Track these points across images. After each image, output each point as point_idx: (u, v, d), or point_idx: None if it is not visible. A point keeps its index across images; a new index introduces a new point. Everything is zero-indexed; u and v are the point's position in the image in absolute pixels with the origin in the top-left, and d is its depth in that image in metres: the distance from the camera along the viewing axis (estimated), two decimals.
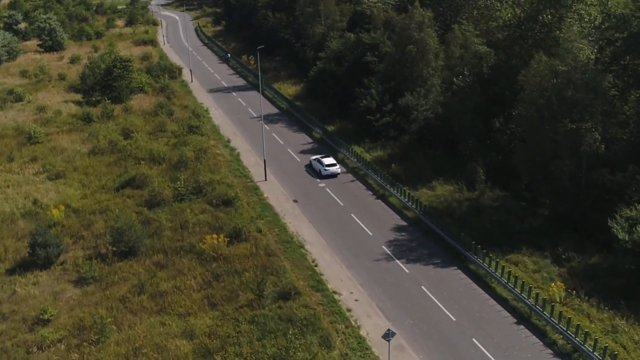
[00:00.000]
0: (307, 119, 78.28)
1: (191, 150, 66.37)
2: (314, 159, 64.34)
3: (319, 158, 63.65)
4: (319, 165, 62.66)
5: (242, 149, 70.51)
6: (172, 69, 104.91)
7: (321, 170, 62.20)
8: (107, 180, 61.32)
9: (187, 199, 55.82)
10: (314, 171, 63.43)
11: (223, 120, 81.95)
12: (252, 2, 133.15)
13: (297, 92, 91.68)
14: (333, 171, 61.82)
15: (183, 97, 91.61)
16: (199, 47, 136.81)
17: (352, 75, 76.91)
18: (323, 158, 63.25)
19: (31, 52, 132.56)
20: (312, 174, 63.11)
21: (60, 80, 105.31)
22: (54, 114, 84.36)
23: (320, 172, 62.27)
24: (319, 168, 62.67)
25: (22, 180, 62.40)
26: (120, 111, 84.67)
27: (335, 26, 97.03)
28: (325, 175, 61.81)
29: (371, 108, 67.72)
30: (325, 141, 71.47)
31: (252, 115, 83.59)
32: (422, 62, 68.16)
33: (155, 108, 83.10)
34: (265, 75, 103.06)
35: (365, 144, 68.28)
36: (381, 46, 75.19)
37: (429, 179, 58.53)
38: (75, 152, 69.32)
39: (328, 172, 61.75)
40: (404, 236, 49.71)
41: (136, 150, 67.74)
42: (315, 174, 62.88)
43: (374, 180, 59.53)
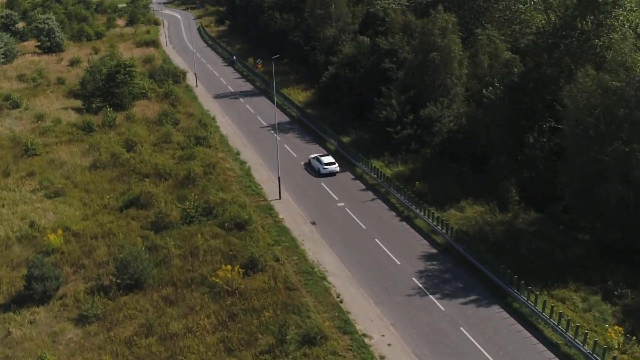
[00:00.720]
0: (320, 129, 73.96)
1: (199, 165, 62.07)
2: (313, 157, 64.53)
3: (317, 156, 63.89)
4: (318, 164, 62.90)
5: (252, 163, 66.19)
6: (176, 73, 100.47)
7: (320, 168, 62.39)
8: (110, 198, 57.01)
9: (196, 221, 51.59)
10: (313, 169, 63.63)
11: (231, 129, 77.61)
12: (258, 2, 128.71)
13: (308, 99, 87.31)
14: (332, 169, 61.97)
15: (188, 103, 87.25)
16: (203, 49, 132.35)
17: (368, 83, 72.63)
18: (322, 156, 63.39)
19: (29, 54, 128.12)
20: (312, 173, 63.24)
21: (59, 85, 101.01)
22: (52, 122, 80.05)
23: (319, 170, 62.44)
24: (317, 166, 62.91)
25: (18, 199, 58.13)
26: (123, 120, 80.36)
27: (347, 29, 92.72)
28: (324, 173, 62.00)
29: (391, 119, 63.38)
30: (340, 153, 67.18)
31: (261, 124, 79.25)
32: (445, 70, 63.82)
33: (159, 116, 78.79)
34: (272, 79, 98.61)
35: (385, 157, 63.97)
36: (399, 52, 70.82)
37: (457, 199, 54.25)
38: (75, 166, 65.03)
39: (327, 171, 61.90)
40: (435, 266, 45.45)
41: (140, 165, 63.47)
42: (314, 173, 63.02)
43: (397, 200, 55.27)
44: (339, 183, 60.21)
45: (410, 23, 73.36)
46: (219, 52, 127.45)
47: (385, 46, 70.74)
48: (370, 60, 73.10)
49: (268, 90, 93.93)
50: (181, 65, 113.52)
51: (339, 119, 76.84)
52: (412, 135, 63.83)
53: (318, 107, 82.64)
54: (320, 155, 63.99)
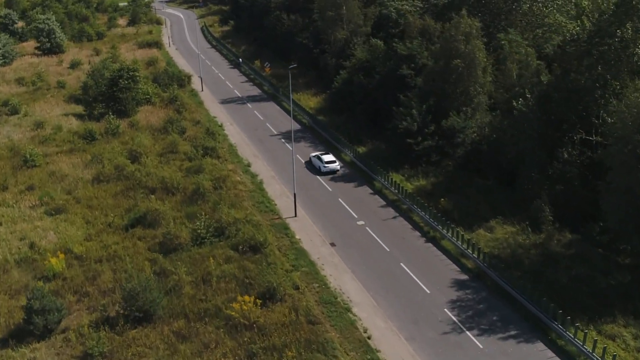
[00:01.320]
0: (333, 138, 70.45)
1: (208, 179, 58.60)
2: (314, 155, 64.79)
3: (318, 155, 64.12)
4: (319, 162, 63.21)
5: (264, 175, 62.71)
6: (180, 76, 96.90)
7: (321, 167, 62.69)
8: (115, 216, 53.53)
9: (207, 243, 48.13)
10: (314, 168, 63.95)
11: (240, 138, 74.09)
12: (264, 2, 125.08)
13: (319, 105, 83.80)
14: (332, 168, 62.47)
15: (194, 109, 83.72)
16: (207, 50, 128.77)
17: (384, 89, 69.21)
18: (322, 155, 63.55)
19: (28, 55, 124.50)
20: (312, 171, 63.48)
21: (59, 89, 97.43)
22: (53, 130, 76.55)
23: (320, 168, 62.78)
24: (318, 165, 63.25)
25: (17, 216, 54.61)
26: (126, 127, 76.86)
27: (359, 31, 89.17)
28: (325, 171, 62.24)
29: (412, 130, 59.89)
30: (356, 165, 63.74)
31: (272, 132, 75.73)
32: (468, 78, 60.34)
33: (164, 124, 75.27)
34: (282, 83, 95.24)
35: (405, 170, 60.54)
36: (418, 58, 67.30)
37: (485, 217, 50.82)
38: (77, 179, 61.52)
39: (327, 169, 62.34)
40: (468, 295, 42.02)
41: (146, 178, 59.99)
42: (315, 171, 63.29)
43: (421, 218, 51.83)
44: (357, 198, 56.77)
45: (429, 27, 69.77)
46: (224, 54, 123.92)
47: (403, 51, 67.19)
48: (387, 65, 69.54)
49: (277, 95, 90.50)
50: (185, 68, 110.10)
51: (353, 127, 73.40)
52: (433, 147, 60.41)
53: (330, 114, 79.17)
54: (321, 154, 63.94)
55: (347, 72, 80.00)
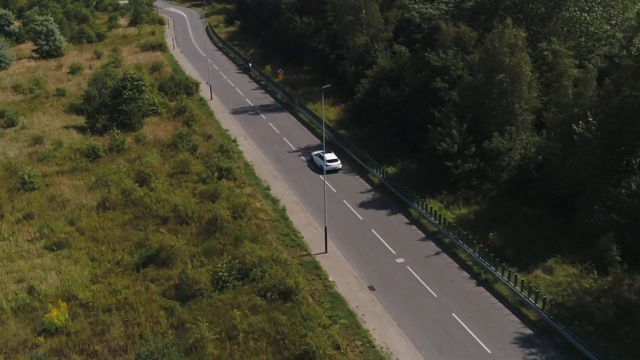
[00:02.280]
0: (359, 155, 64.58)
1: (226, 207, 52.82)
2: (316, 154, 64.74)
3: (320, 153, 63.77)
4: (320, 161, 62.82)
5: (287, 200, 56.93)
6: (188, 84, 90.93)
7: (322, 165, 61.12)
8: (124, 253, 47.76)
9: (230, 286, 42.43)
10: (316, 166, 63.87)
11: (256, 155, 68.24)
12: (274, 2, 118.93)
13: (339, 116, 77.96)
14: (334, 166, 62.17)
15: (204, 121, 77.82)
16: (213, 53, 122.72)
17: (415, 103, 63.42)
18: (325, 153, 61.80)
19: (25, 59, 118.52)
20: (314, 170, 63.40)
21: (59, 97, 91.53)
22: (52, 145, 70.75)
23: (322, 167, 61.36)
24: (320, 163, 62.77)
25: (13, 252, 48.84)
26: (132, 142, 71.04)
27: (380, 36, 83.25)
28: (327, 170, 61.13)
29: (451, 153, 54.13)
30: (387, 188, 58.00)
31: (289, 148, 69.87)
32: (513, 94, 54.56)
33: (174, 139, 69.40)
34: (296, 91, 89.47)
35: (443, 196, 54.79)
36: (452, 69, 61.47)
37: (542, 256, 45.14)
38: (80, 205, 55.72)
39: (329, 168, 61.76)
40: (536, 356, 36.33)
41: (156, 205, 54.21)
42: (317, 170, 63.06)
43: (468, 255, 46.16)
44: (392, 229, 51.03)
45: (464, 35, 63.91)
46: (231, 57, 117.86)
47: (437, 62, 61.29)
48: (417, 77, 63.62)
49: (291, 104, 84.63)
50: (191, 73, 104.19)
51: (379, 143, 67.61)
52: (474, 170, 54.70)
53: (351, 127, 73.36)
54: (323, 152, 61.41)
55: (370, 82, 74.23)
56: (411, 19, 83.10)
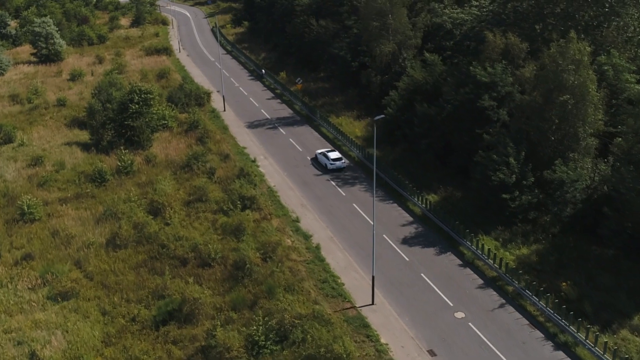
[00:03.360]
0: (394, 179, 58.18)
1: (253, 247, 46.50)
2: (320, 152, 64.34)
3: (324, 152, 63.77)
4: (325, 160, 62.85)
5: (320, 236, 50.55)
6: (199, 93, 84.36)
7: (327, 164, 62.31)
8: (141, 306, 41.37)
9: (267, 352, 36.16)
10: (320, 165, 63.59)
11: (280, 178, 61.82)
12: (286, 3, 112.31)
13: (367, 132, 71.47)
14: (339, 165, 62.12)
15: (219, 137, 71.32)
16: (222, 56, 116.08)
17: (458, 122, 57.14)
18: (329, 152, 63.19)
19: (23, 64, 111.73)
20: (319, 169, 63.04)
21: (59, 108, 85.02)
22: (54, 166, 64.27)
23: (327, 166, 62.41)
24: (324, 162, 62.87)
25: (12, 303, 42.46)
26: (141, 162, 64.61)
27: (408, 43, 76.85)
28: (331, 169, 61.88)
29: (509, 184, 47.81)
30: (431, 221, 51.67)
31: (316, 170, 63.41)
32: (577, 116, 48.23)
33: (187, 159, 62.98)
34: (315, 102, 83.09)
35: (498, 232, 48.49)
36: (500, 85, 55.13)
37: (627, 311, 38.96)
38: (87, 243, 49.28)
39: (334, 166, 61.94)
40: None
41: (174, 244, 47.82)
42: (321, 169, 62.86)
43: (537, 308, 39.92)
44: (444, 273, 44.73)
45: (513, 47, 57.49)
46: (242, 62, 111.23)
47: (484, 78, 54.90)
48: (461, 93, 57.18)
49: (312, 117, 78.17)
50: (200, 79, 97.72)
51: (416, 165, 61.32)
52: (533, 204, 48.46)
53: (382, 145, 66.86)
54: (327, 151, 63.50)
55: (401, 95, 67.90)
56: (442, 25, 76.82)
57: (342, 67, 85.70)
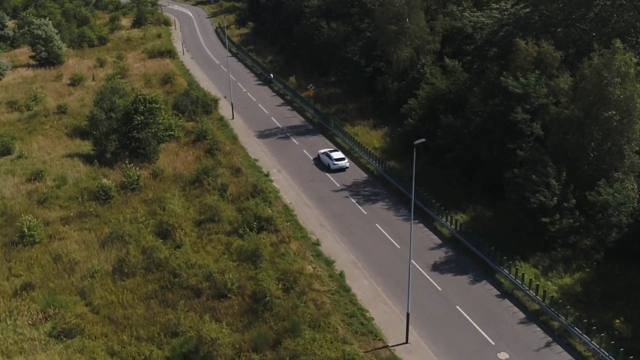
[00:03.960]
0: (421, 199, 54.36)
1: (273, 276, 42.84)
2: (322, 152, 64.14)
3: (327, 152, 63.67)
4: (328, 160, 62.69)
5: (343, 260, 46.91)
6: (206, 100, 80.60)
7: (330, 164, 62.21)
8: (153, 347, 37.72)
9: None
10: (323, 165, 63.30)
11: (295, 194, 58.13)
12: (293, 4, 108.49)
13: (385, 143, 67.78)
14: (342, 165, 61.80)
15: (229, 148, 67.59)
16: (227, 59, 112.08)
17: (487, 135, 53.57)
18: (331, 152, 63.29)
19: (22, 67, 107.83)
20: (322, 169, 62.65)
21: (60, 115, 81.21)
22: (55, 181, 60.53)
23: (329, 166, 62.28)
24: (327, 162, 62.75)
25: (10, 342, 38.66)
26: (148, 177, 60.91)
27: (426, 48, 73.15)
28: (334, 169, 61.66)
29: (549, 207, 44.17)
30: (461, 245, 48.04)
31: (333, 185, 59.73)
32: (622, 133, 44.59)
33: (197, 174, 59.27)
34: (327, 109, 79.48)
35: (537, 258, 44.86)
36: (533, 96, 51.49)
37: None
38: (92, 270, 45.57)
39: (337, 166, 61.69)
40: None
41: (186, 272, 44.15)
42: (324, 168, 62.62)
43: (589, 349, 36.32)
44: (481, 306, 41.12)
45: (546, 55, 53.79)
46: (248, 65, 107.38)
47: (517, 89, 51.24)
48: (490, 106, 53.53)
49: (325, 125, 74.42)
50: (205, 84, 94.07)
51: (440, 181, 57.68)
52: (575, 227, 44.86)
53: (401, 157, 63.26)
54: (330, 151, 63.57)
55: (421, 104, 64.33)
56: (462, 29, 73.14)
57: (355, 72, 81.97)
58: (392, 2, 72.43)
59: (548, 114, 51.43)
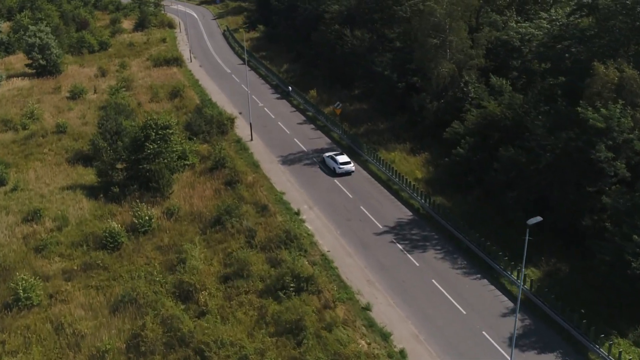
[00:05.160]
0: (478, 244, 46.79)
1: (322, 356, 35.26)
2: (327, 155, 62.60)
3: (332, 155, 62.08)
4: (333, 163, 61.07)
5: (402, 333, 39.23)
6: (222, 120, 72.77)
7: (335, 168, 60.63)
8: None
9: None
10: (328, 169, 61.83)
11: (333, 239, 50.40)
12: (311, 8, 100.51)
13: (429, 173, 60.06)
14: (347, 169, 60.26)
15: (251, 179, 59.81)
16: (238, 67, 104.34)
17: (559, 174, 45.95)
18: (337, 155, 61.56)
19: (17, 78, 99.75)
20: (327, 172, 61.34)
21: (59, 135, 73.40)
22: (55, 222, 52.87)
23: (335, 170, 60.69)
24: (332, 166, 61.14)
25: None
26: (161, 216, 53.28)
27: (470, 64, 65.47)
28: (339, 173, 60.08)
29: None
30: (540, 311, 40.44)
31: (374, 226, 51.93)
32: None
33: (218, 213, 51.58)
34: (356, 128, 72.00)
35: (638, 335, 37.34)
36: (616, 132, 43.87)
37: None
38: (101, 348, 37.90)
39: (342, 170, 60.14)
40: None
41: (217, 355, 36.48)
42: (329, 172, 61.15)
43: None
44: None
45: (628, 81, 46.07)
46: (261, 74, 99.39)
47: (599, 123, 43.58)
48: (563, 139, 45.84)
49: (355, 149, 66.69)
50: (218, 97, 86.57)
51: (498, 223, 50.07)
52: None
53: (450, 192, 55.71)
54: (335, 154, 61.91)
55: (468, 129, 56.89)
56: (508, 41, 65.51)
57: (385, 87, 74.12)
58: (431, 13, 64.62)
59: (633, 151, 43.91)
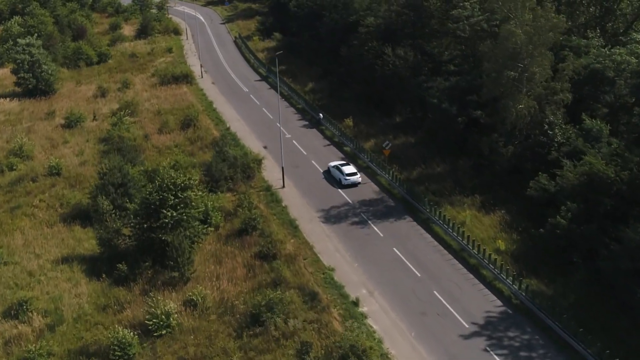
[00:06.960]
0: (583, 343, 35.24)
1: None
2: (333, 165, 59.82)
3: (337, 165, 59.21)
4: (339, 174, 58.08)
5: None
6: (247, 162, 60.78)
7: (341, 179, 57.60)
8: None
9: None
10: (334, 180, 58.62)
11: (408, 346, 38.56)
12: (337, 17, 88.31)
13: (515, 244, 48.07)
14: (354, 180, 57.29)
15: (291, 248, 48.11)
16: (255, 84, 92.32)
17: None
18: (343, 166, 58.57)
19: (5, 98, 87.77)
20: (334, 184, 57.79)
21: (52, 179, 61.76)
22: (46, 319, 41.23)
23: (341, 181, 57.66)
24: (339, 177, 58.15)
25: None
26: (181, 310, 41.53)
27: (554, 100, 53.70)
28: (345, 184, 56.92)
29: None
30: None
31: (458, 324, 40.20)
32: None
33: (257, 308, 39.82)
34: (407, 172, 60.61)
35: None
36: None
37: None
38: None
39: (349, 182, 57.11)
40: None
41: None
42: (335, 184, 57.84)
43: None
44: None
45: None
46: (284, 94, 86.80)
47: None
48: None
49: (413, 203, 54.80)
50: (236, 124, 75.34)
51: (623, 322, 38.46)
52: None
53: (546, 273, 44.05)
54: (341, 164, 59.12)
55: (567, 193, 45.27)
56: (601, 72, 53.72)
57: (440, 121, 62.24)
58: (508, 38, 52.65)
59: None
